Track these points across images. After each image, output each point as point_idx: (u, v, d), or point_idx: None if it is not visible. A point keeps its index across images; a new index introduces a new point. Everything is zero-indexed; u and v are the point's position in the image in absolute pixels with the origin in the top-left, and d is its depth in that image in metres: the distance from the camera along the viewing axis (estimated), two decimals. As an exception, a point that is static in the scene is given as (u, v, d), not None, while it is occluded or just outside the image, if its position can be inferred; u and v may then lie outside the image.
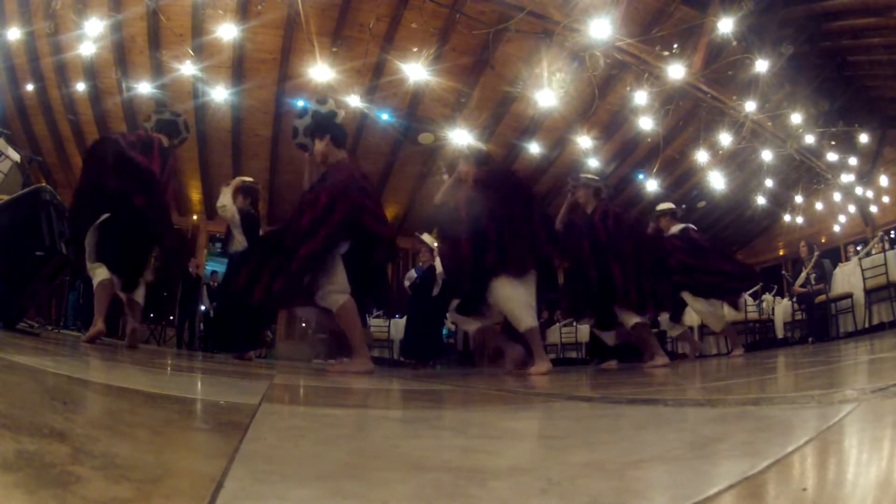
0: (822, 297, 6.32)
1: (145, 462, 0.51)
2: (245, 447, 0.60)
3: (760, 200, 10.44)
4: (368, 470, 0.60)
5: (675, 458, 0.57)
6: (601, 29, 6.00)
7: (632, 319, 3.81)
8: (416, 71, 6.61)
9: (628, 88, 7.38)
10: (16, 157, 4.17)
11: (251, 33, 7.09)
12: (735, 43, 6.63)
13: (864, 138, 9.23)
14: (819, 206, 10.94)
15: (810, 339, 6.30)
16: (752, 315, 7.35)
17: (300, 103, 8.12)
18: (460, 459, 0.61)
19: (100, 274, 3.14)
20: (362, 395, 1.72)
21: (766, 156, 8.86)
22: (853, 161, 9.75)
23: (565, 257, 3.70)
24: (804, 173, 9.99)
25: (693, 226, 5.01)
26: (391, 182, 10.02)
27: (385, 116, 8.30)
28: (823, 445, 0.58)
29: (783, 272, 9.97)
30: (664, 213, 4.91)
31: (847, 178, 9.91)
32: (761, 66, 6.83)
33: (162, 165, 3.49)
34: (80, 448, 0.51)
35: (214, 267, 10.73)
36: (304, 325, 10.03)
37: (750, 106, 7.50)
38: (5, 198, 3.16)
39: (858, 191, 10.27)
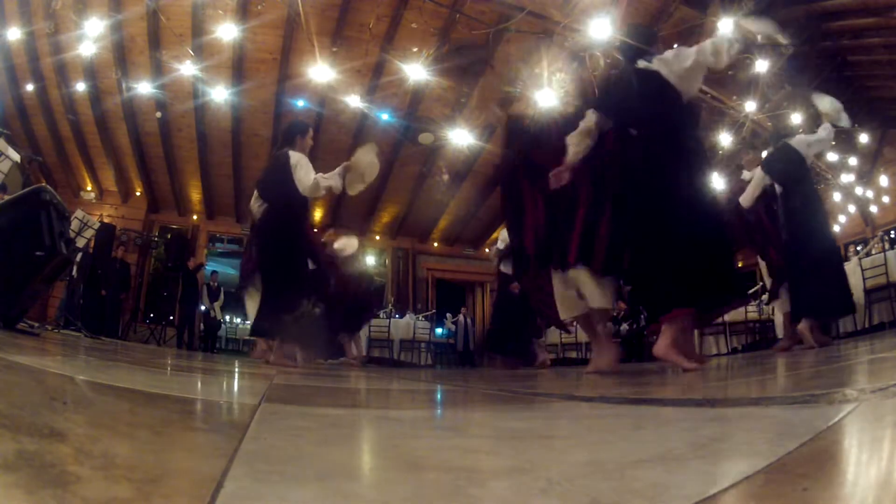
0: (822, 298, 6.30)
1: (145, 462, 0.51)
2: (245, 447, 0.60)
3: (760, 200, 10.44)
4: (368, 470, 0.60)
5: (675, 458, 0.57)
6: (601, 29, 6.00)
7: None
8: (416, 71, 6.61)
9: (628, 88, 7.37)
10: (16, 157, 4.16)
11: (251, 33, 7.09)
12: (735, 43, 6.63)
13: (864, 138, 9.23)
14: (819, 206, 10.93)
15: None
16: (753, 315, 7.34)
17: (300, 103, 8.15)
18: (460, 459, 0.61)
19: None
20: (362, 395, 1.72)
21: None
22: (853, 161, 9.75)
23: None
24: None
25: None
26: (391, 182, 10.01)
27: (385, 116, 8.30)
28: (823, 445, 0.58)
29: (783, 272, 9.96)
30: None
31: (847, 178, 9.91)
32: (761, 66, 6.83)
33: None
34: (80, 448, 0.51)
35: (214, 267, 10.74)
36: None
37: (750, 106, 7.50)
38: (6, 198, 3.16)
39: (858, 191, 10.27)
